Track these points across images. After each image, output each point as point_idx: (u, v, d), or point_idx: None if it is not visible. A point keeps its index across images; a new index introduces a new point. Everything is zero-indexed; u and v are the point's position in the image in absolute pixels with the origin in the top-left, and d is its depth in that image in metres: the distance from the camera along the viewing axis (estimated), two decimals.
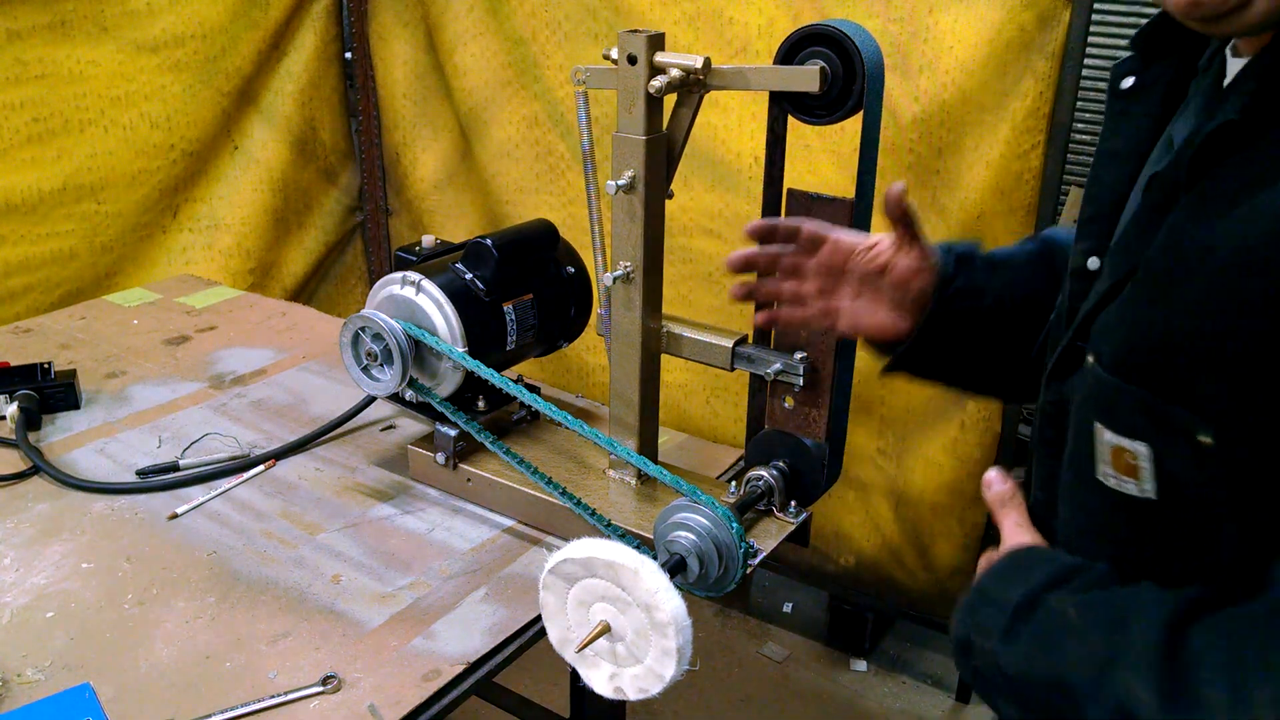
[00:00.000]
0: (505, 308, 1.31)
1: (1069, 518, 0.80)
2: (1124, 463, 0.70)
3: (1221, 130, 0.67)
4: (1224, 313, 0.64)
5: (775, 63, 1.11)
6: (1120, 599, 0.70)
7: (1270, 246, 0.62)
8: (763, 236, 1.09)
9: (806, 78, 1.07)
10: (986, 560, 0.85)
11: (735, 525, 1.04)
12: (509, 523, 1.31)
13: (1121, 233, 0.79)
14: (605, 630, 0.92)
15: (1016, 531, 0.84)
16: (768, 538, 1.18)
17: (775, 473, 1.19)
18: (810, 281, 1.07)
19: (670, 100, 1.13)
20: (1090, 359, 0.74)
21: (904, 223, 0.99)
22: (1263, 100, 0.67)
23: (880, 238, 1.03)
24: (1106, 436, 0.71)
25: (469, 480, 1.34)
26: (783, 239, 1.08)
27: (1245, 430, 0.64)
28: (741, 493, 1.21)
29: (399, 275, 1.28)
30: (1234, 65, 0.75)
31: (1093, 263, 0.83)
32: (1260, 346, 0.62)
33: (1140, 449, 0.69)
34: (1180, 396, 0.66)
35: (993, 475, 0.88)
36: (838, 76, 1.07)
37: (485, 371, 1.22)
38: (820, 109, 1.12)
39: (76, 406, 1.56)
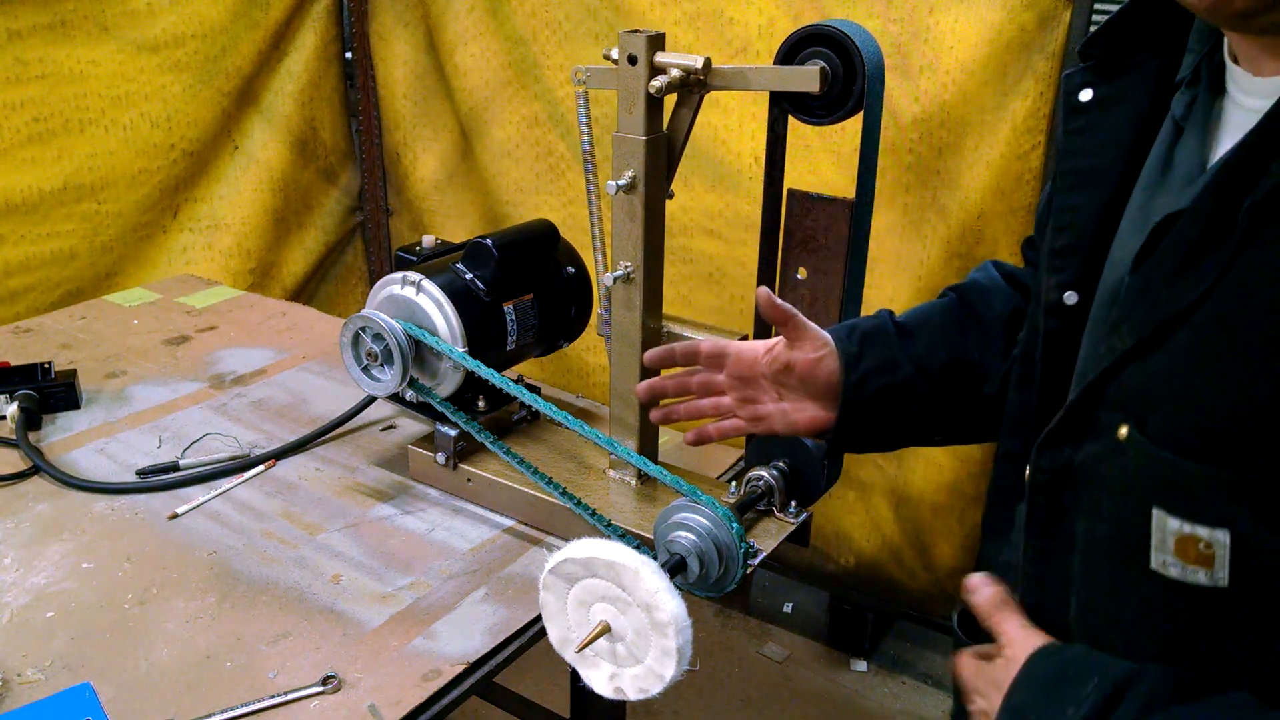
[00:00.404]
0: (505, 308, 1.31)
1: (1098, 610, 0.71)
2: (1194, 551, 0.62)
3: None
4: None
5: (775, 63, 1.11)
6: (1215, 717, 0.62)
7: None
8: (663, 363, 1.10)
9: (807, 78, 1.07)
10: (976, 662, 0.77)
11: (735, 525, 1.04)
12: (509, 523, 1.31)
13: (1136, 280, 0.69)
14: (605, 630, 0.92)
15: (1024, 634, 0.75)
16: (768, 538, 1.18)
17: (775, 473, 1.19)
18: (730, 393, 1.06)
19: (670, 100, 1.13)
20: (1125, 430, 0.65)
21: (780, 321, 0.99)
22: None
23: (775, 341, 1.02)
24: (1172, 524, 0.62)
25: (469, 480, 1.34)
26: (684, 361, 1.08)
27: None
28: (741, 493, 1.21)
29: (399, 275, 1.28)
30: (1245, 80, 0.67)
31: (1069, 297, 0.77)
32: None
33: (1220, 536, 0.60)
34: (1273, 476, 0.58)
35: (976, 580, 0.80)
36: (838, 77, 1.07)
37: (485, 371, 1.22)
38: (820, 109, 1.12)
39: (77, 406, 1.56)
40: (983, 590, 0.79)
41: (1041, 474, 0.75)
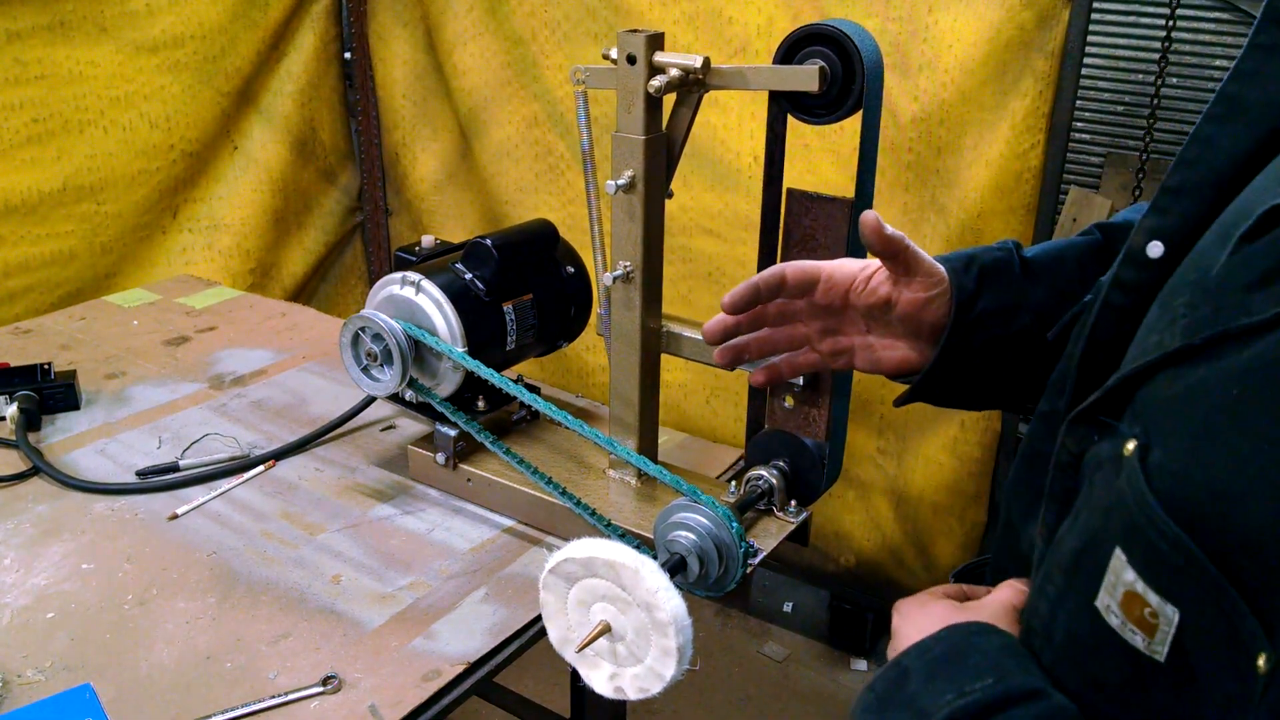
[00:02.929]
0: (505, 308, 1.31)
1: (1043, 616, 0.63)
2: (1138, 614, 0.52)
3: None
4: None
5: (775, 62, 1.11)
6: None
7: None
8: (746, 302, 0.91)
9: (806, 77, 1.07)
10: (951, 594, 0.72)
11: (735, 525, 1.04)
12: (509, 523, 1.31)
13: (1213, 267, 0.53)
14: (605, 630, 0.92)
15: (996, 602, 0.70)
16: (768, 537, 1.18)
17: (775, 472, 1.19)
18: (809, 323, 0.92)
19: (670, 100, 1.13)
20: (1131, 447, 0.53)
21: (889, 254, 0.83)
22: None
23: (873, 265, 0.88)
24: (1127, 575, 0.52)
25: (469, 480, 1.34)
26: (767, 292, 0.90)
27: None
28: (741, 493, 1.21)
29: (399, 275, 1.28)
30: None
31: (1154, 248, 0.62)
32: None
33: (1169, 613, 0.50)
34: (1256, 592, 0.46)
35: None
36: (837, 76, 1.07)
37: (485, 371, 1.22)
38: (820, 109, 1.12)
39: (76, 407, 1.56)
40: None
41: (1066, 453, 0.63)
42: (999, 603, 0.72)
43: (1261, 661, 0.46)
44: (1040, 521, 0.67)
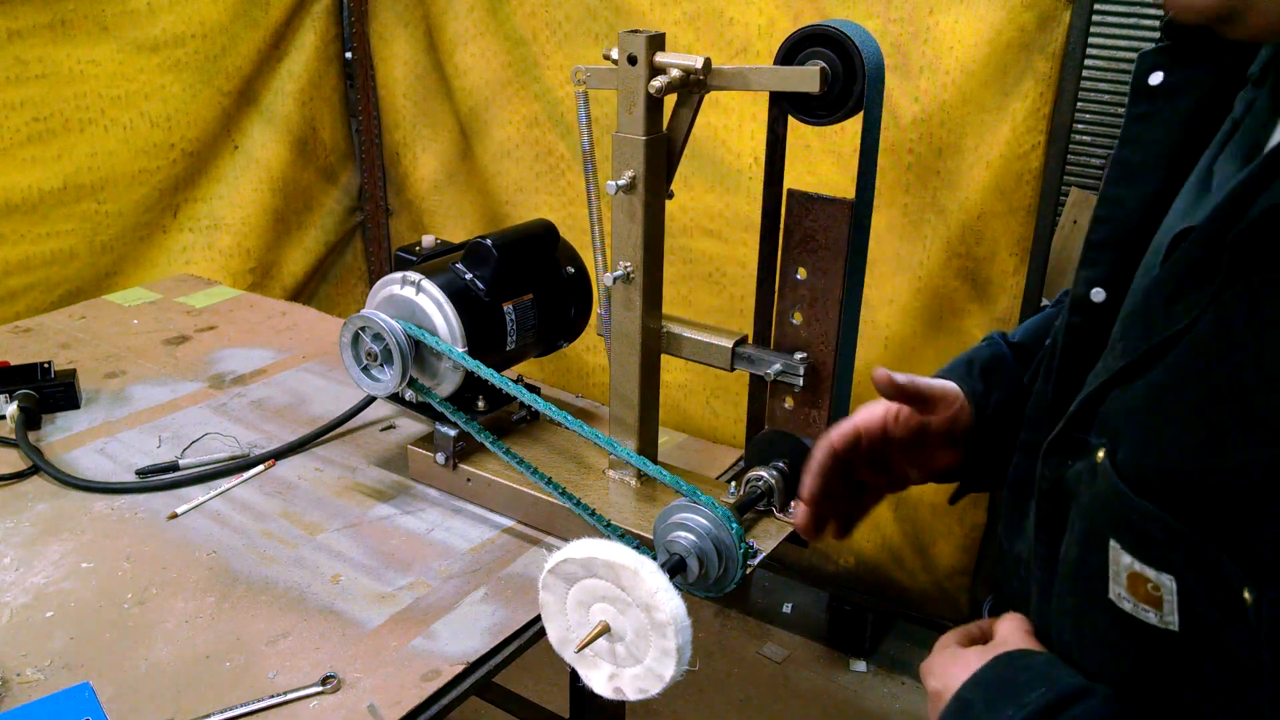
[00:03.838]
0: (505, 308, 1.31)
1: (1070, 629, 0.70)
2: (1144, 590, 0.60)
3: None
4: None
5: (775, 63, 1.11)
6: None
7: None
8: (821, 489, 0.93)
9: (807, 78, 1.07)
10: (952, 643, 0.77)
11: (735, 525, 1.04)
12: (509, 523, 1.31)
13: (1144, 296, 0.64)
14: (605, 630, 0.92)
15: (1012, 631, 0.75)
16: (768, 538, 1.18)
17: (775, 473, 1.19)
18: (862, 470, 0.96)
19: (670, 100, 1.13)
20: (1101, 454, 0.62)
21: (908, 400, 0.90)
22: None
23: (893, 407, 0.93)
24: (1125, 560, 0.60)
25: (469, 480, 1.34)
26: (831, 472, 0.93)
27: None
28: (741, 493, 1.20)
29: (399, 275, 1.28)
30: None
31: (1097, 294, 0.72)
32: None
33: (1166, 581, 0.58)
34: (1224, 538, 0.55)
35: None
36: (838, 77, 1.07)
37: (485, 371, 1.22)
38: (821, 109, 1.12)
39: (76, 406, 1.56)
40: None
41: (1045, 481, 0.73)
42: (1013, 630, 0.76)
43: (1247, 594, 0.54)
44: (1031, 546, 0.76)
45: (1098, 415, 0.65)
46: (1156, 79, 0.70)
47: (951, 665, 0.75)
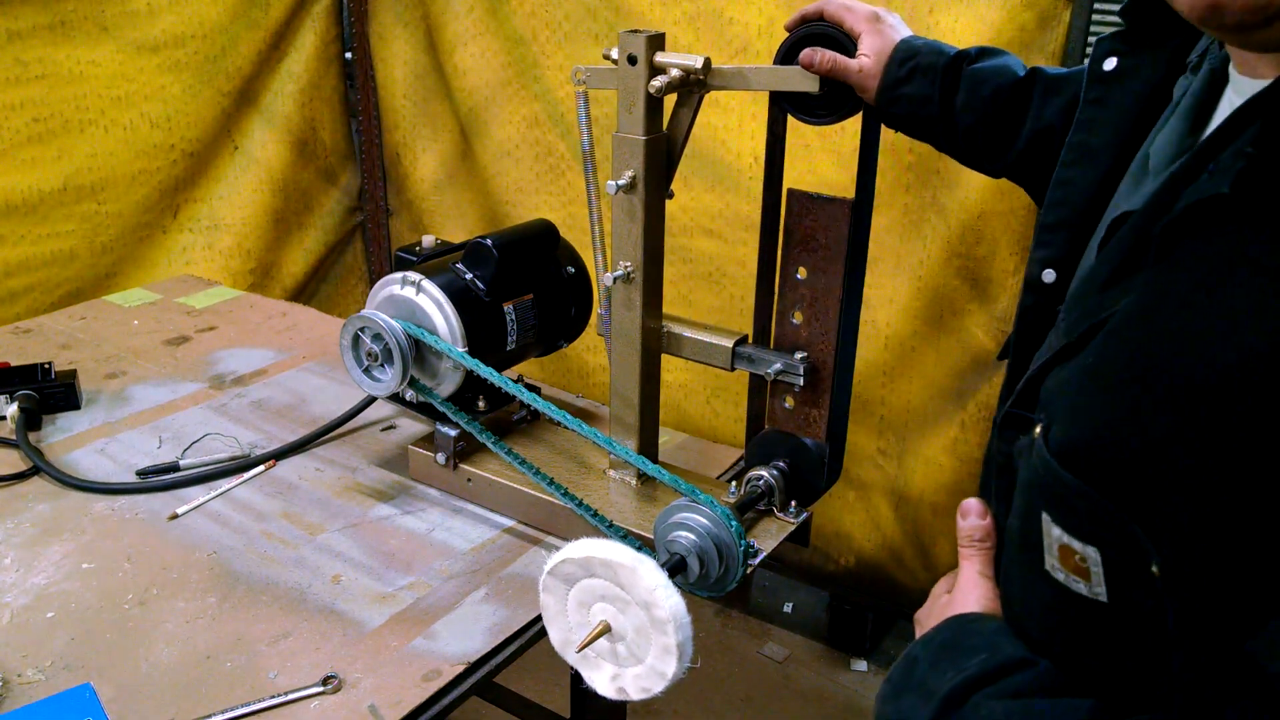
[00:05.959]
0: (505, 308, 1.31)
1: (1018, 600, 0.71)
2: (1073, 562, 0.61)
3: (1209, 204, 0.55)
4: (1216, 430, 0.53)
5: (775, 63, 1.11)
6: (1050, 717, 0.61)
7: None
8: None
9: (806, 78, 1.07)
10: (939, 592, 0.78)
11: (735, 525, 1.04)
12: (509, 523, 1.31)
13: (1083, 278, 0.66)
14: (605, 630, 0.92)
15: (972, 584, 0.76)
16: (768, 538, 1.18)
17: (775, 473, 1.19)
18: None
19: (670, 100, 1.13)
20: (1037, 431, 0.64)
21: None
22: (1272, 167, 0.52)
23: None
24: (1055, 532, 0.62)
25: (469, 480, 1.34)
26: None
27: (1201, 565, 0.54)
28: (741, 493, 1.21)
29: (399, 275, 1.28)
30: (1240, 84, 0.61)
31: (1048, 275, 0.74)
32: (1249, 474, 0.52)
33: (1091, 553, 0.59)
34: (1138, 512, 0.56)
35: (971, 504, 0.79)
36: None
37: (485, 371, 1.22)
38: (820, 109, 1.12)
39: (77, 407, 1.56)
40: (970, 519, 0.79)
41: (1001, 455, 0.75)
42: (970, 578, 0.77)
43: (1154, 569, 0.56)
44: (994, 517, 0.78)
45: (1040, 393, 0.67)
46: (1110, 64, 0.73)
47: (930, 618, 0.77)
